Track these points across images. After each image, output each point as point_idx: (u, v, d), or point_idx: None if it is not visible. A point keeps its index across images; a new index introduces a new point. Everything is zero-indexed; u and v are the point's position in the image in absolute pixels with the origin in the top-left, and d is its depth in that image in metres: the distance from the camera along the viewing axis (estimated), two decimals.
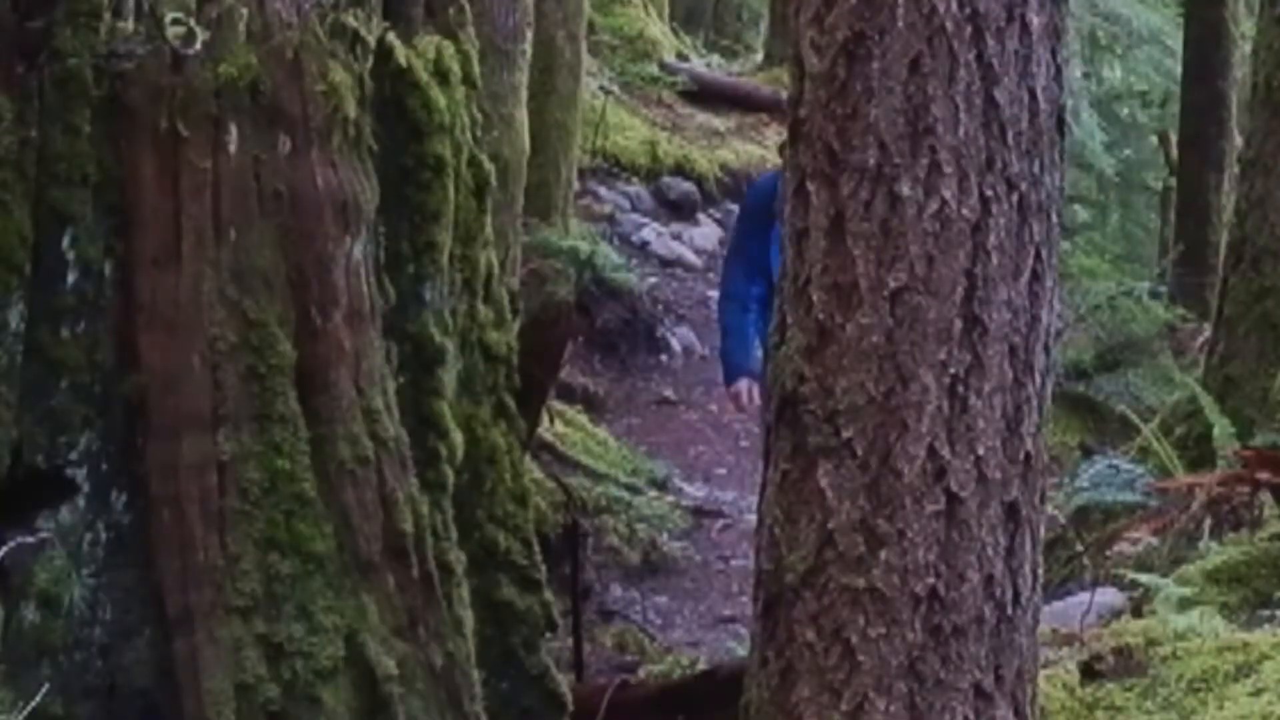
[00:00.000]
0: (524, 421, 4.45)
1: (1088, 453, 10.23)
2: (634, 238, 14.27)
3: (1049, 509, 3.66)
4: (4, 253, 3.83)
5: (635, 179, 15.34)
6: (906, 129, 3.17)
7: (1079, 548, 7.54)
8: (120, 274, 3.93)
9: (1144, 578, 6.02)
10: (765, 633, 3.31)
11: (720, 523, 10.67)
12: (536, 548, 4.45)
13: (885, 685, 3.17)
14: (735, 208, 15.90)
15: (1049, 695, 4.55)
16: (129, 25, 3.98)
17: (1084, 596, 5.66)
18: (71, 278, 3.91)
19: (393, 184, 4.14)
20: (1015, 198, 3.21)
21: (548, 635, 4.48)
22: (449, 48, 4.30)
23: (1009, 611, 3.24)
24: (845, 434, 3.19)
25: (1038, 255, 3.25)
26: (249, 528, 3.90)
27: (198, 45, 3.90)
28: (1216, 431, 7.59)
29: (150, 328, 3.92)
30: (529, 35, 9.76)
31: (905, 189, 3.17)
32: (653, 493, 10.71)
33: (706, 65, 18.51)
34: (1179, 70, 14.67)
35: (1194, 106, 13.99)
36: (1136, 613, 5.67)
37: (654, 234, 14.55)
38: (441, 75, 4.25)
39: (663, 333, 12.74)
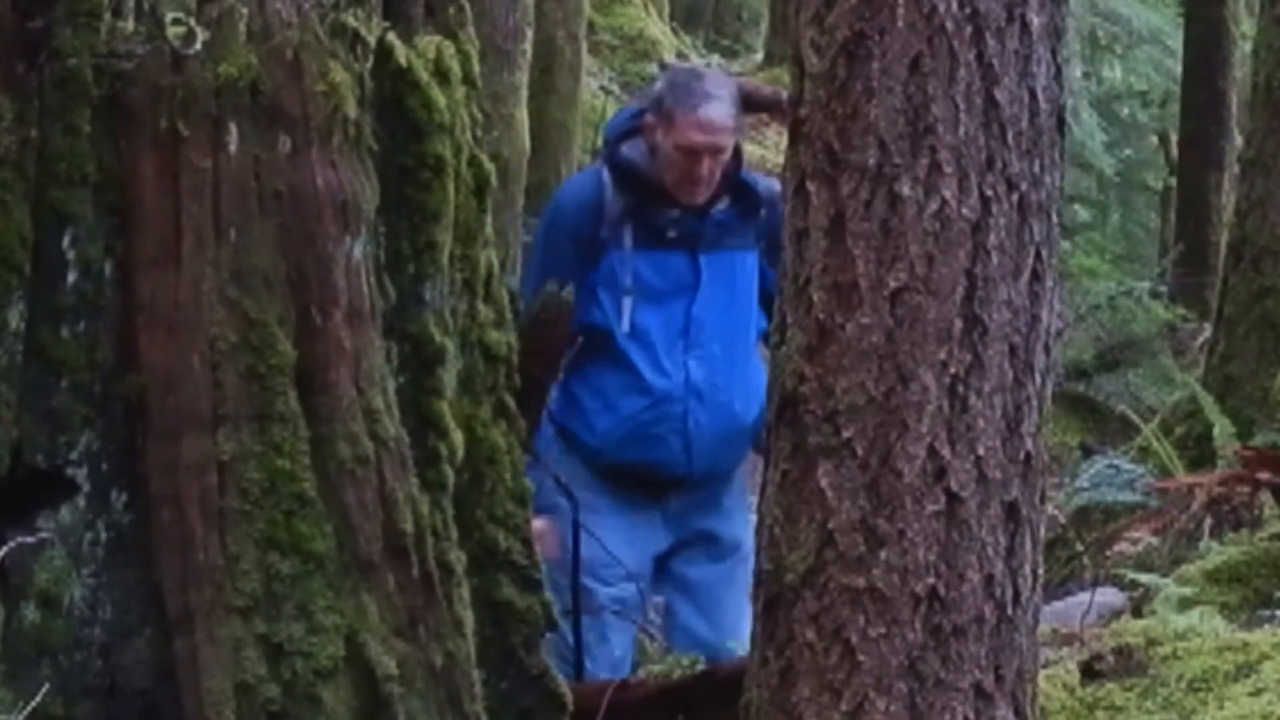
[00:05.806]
0: (524, 421, 4.43)
1: (1088, 453, 10.23)
2: None
3: (1049, 509, 3.66)
4: (4, 253, 3.82)
5: None
6: (906, 129, 3.17)
7: (1079, 548, 7.55)
8: (120, 274, 3.92)
9: (1144, 578, 6.02)
10: (765, 633, 3.31)
11: None
12: (537, 548, 4.44)
13: (885, 685, 3.18)
14: None
15: (1049, 695, 4.55)
16: (129, 25, 3.97)
17: (1084, 596, 5.66)
18: (71, 278, 3.90)
19: (393, 184, 4.13)
20: (1015, 198, 3.21)
21: (547, 635, 4.47)
22: (449, 48, 4.29)
23: (1009, 611, 3.24)
24: (845, 434, 3.19)
25: (1038, 255, 3.25)
26: (249, 527, 3.89)
27: (198, 45, 3.89)
28: (1216, 431, 7.60)
29: (150, 328, 3.91)
30: (529, 35, 9.75)
31: (905, 189, 3.17)
32: None
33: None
34: (1179, 70, 14.67)
35: (1194, 106, 13.99)
36: (1136, 613, 5.68)
37: None
38: (441, 75, 4.23)
39: None
